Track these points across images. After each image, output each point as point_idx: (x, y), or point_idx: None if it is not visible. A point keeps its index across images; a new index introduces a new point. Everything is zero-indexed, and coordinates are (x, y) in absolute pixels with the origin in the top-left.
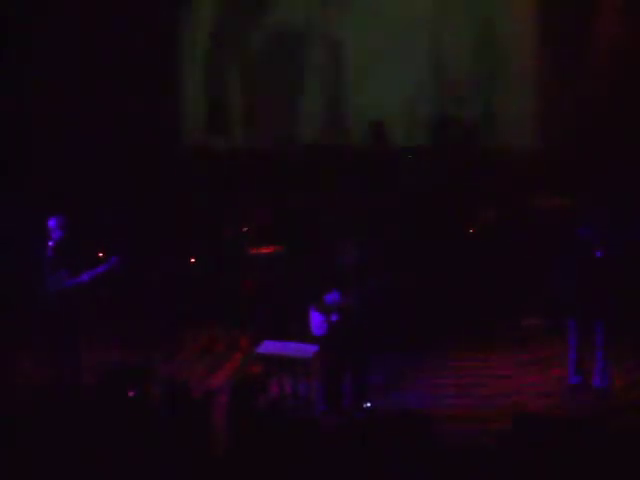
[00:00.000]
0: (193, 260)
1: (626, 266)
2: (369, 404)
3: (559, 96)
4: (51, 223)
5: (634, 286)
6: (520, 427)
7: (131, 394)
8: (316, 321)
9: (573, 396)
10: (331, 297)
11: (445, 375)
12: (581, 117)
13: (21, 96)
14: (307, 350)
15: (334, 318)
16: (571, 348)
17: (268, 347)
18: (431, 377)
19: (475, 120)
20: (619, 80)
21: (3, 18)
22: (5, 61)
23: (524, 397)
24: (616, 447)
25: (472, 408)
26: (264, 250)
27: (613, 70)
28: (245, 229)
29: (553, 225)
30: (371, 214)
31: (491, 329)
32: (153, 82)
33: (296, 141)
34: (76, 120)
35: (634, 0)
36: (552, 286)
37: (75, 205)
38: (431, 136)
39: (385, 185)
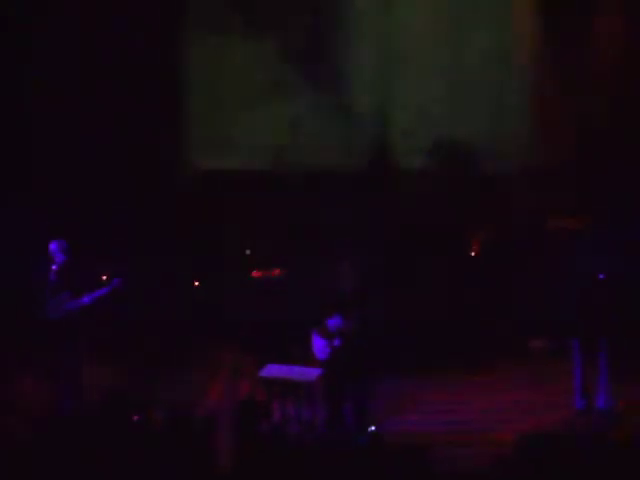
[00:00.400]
0: (197, 283)
1: (628, 287)
2: (373, 428)
3: (559, 112)
4: (52, 246)
5: (636, 307)
6: (523, 449)
7: (135, 418)
8: (318, 345)
9: (577, 418)
10: (333, 321)
11: (448, 397)
12: (581, 134)
13: (21, 98)
14: (310, 374)
15: (336, 343)
16: (576, 370)
17: (271, 371)
18: (434, 400)
19: (474, 140)
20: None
21: (3, 18)
22: (5, 61)
23: (528, 419)
24: (619, 467)
25: (475, 430)
26: (266, 273)
27: (613, 86)
28: (247, 252)
29: (556, 246)
30: (372, 237)
31: (494, 351)
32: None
33: (296, 164)
34: (76, 128)
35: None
36: (556, 308)
37: (77, 225)
38: (431, 158)
39: (386, 207)
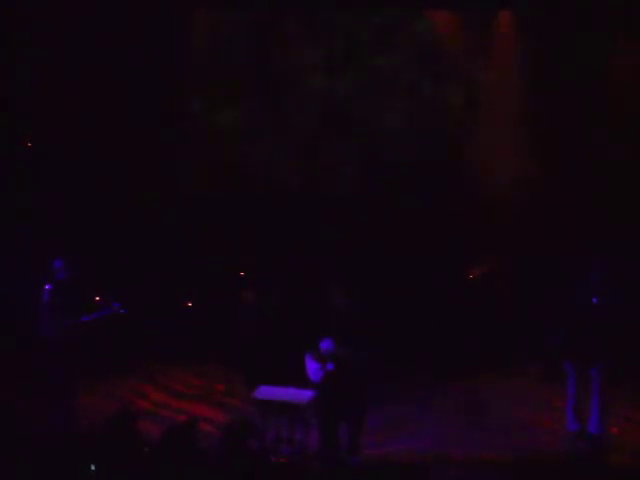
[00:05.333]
0: (190, 304)
1: (622, 312)
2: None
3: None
4: (57, 264)
5: (631, 332)
6: (519, 472)
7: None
8: (312, 368)
9: (571, 442)
10: (325, 345)
11: (443, 419)
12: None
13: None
14: (303, 395)
15: (330, 367)
16: (569, 394)
17: (264, 392)
18: (430, 421)
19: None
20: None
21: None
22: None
23: (523, 442)
24: None
25: (471, 453)
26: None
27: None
28: (242, 274)
29: (551, 272)
30: (368, 260)
31: (489, 374)
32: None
33: (290, 186)
34: (75, 146)
35: None
36: (551, 333)
37: (74, 242)
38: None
39: (384, 229)
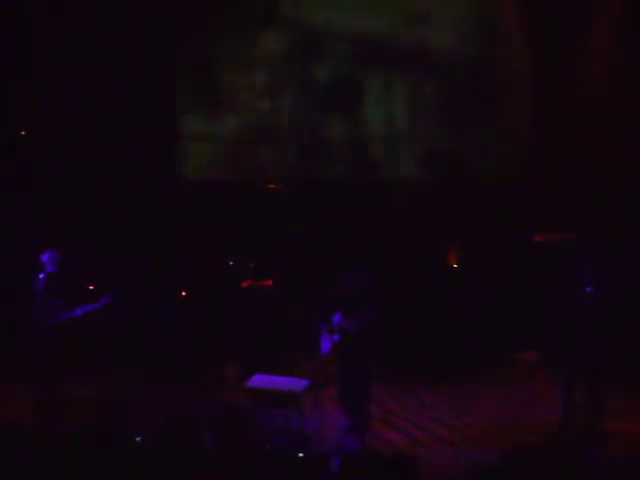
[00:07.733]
0: (184, 293)
1: (616, 301)
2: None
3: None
4: (45, 257)
5: (625, 321)
6: (510, 461)
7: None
8: (323, 340)
9: (563, 431)
10: (337, 317)
11: (437, 409)
12: (576, 151)
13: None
14: (298, 384)
15: (335, 338)
16: (562, 384)
17: (259, 381)
18: (424, 410)
19: (464, 152)
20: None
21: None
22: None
23: (515, 431)
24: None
25: (464, 442)
26: (258, 283)
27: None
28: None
29: (544, 260)
30: (363, 246)
31: (484, 363)
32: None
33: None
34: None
35: None
36: (544, 321)
37: (69, 238)
38: (419, 169)
39: (374, 217)
